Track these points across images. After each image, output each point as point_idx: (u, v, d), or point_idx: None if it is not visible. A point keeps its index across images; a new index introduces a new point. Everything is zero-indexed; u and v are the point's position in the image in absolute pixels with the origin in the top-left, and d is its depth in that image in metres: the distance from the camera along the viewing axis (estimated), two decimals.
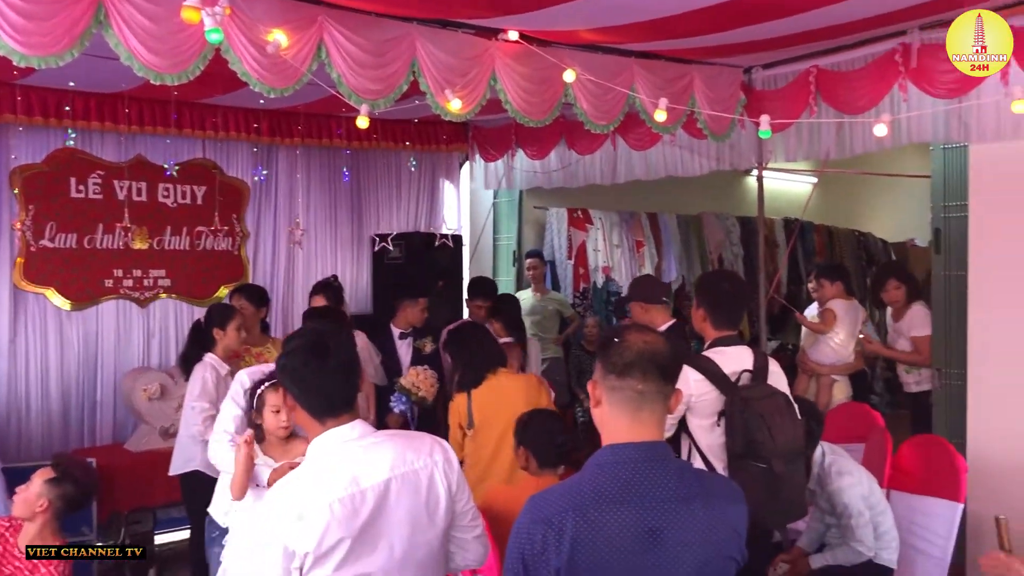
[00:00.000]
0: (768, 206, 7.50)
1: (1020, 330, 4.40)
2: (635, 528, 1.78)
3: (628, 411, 1.90)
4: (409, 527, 2.10)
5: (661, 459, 1.88)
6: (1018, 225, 4.43)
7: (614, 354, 1.92)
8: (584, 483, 1.85)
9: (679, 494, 1.84)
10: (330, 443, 2.13)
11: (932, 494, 4.13)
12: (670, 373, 1.93)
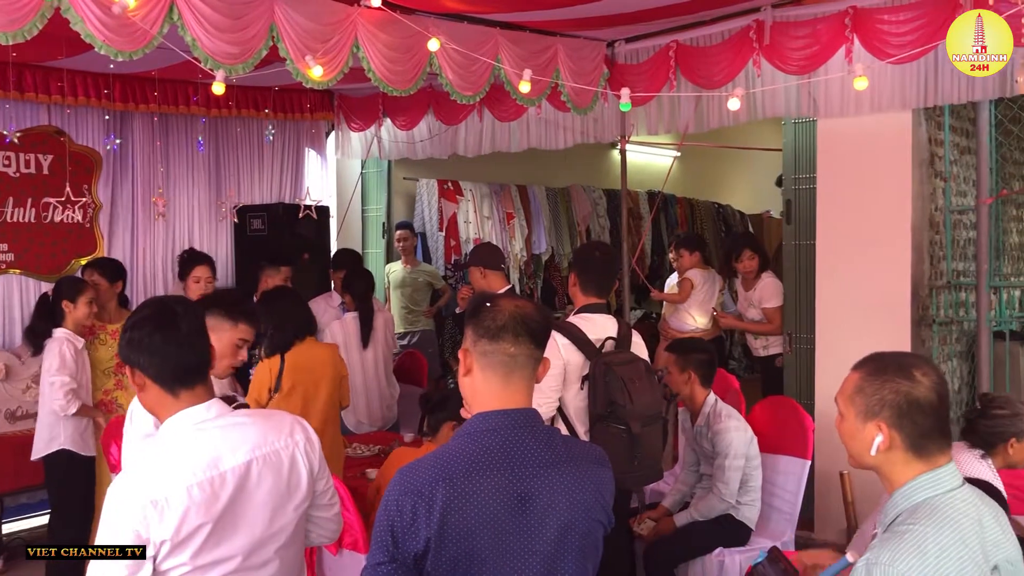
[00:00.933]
0: (632, 179, 7.68)
1: (864, 296, 4.68)
2: (505, 494, 1.80)
3: (500, 376, 1.91)
4: (270, 509, 2.05)
5: (530, 425, 1.90)
6: (861, 196, 4.69)
7: (487, 318, 1.93)
8: (454, 452, 1.85)
9: (548, 459, 1.87)
10: (185, 424, 2.03)
11: (783, 452, 4.35)
12: (541, 338, 1.96)
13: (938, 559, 1.69)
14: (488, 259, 4.62)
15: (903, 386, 1.83)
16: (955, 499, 1.80)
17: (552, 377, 3.54)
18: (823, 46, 4.39)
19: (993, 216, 4.94)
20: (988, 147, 4.65)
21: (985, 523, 1.79)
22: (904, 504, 1.82)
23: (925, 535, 1.72)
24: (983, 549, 1.75)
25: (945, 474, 1.83)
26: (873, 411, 1.85)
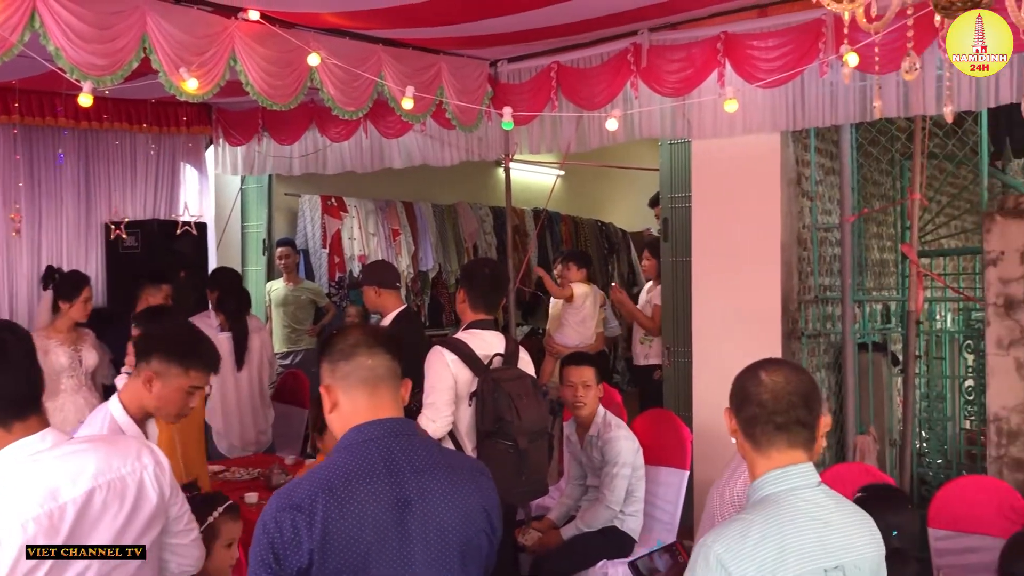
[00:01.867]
0: (518, 196, 7.77)
1: (737, 310, 4.85)
2: (385, 500, 1.82)
3: (364, 391, 1.93)
4: (116, 538, 1.96)
5: (406, 433, 1.93)
6: (734, 214, 4.87)
7: (337, 343, 1.98)
8: (333, 465, 1.85)
9: (426, 465, 1.90)
10: (18, 456, 1.90)
11: (662, 464, 4.46)
12: (394, 349, 1.99)
13: (756, 545, 1.78)
14: (383, 277, 4.58)
15: (744, 379, 2.01)
16: (799, 497, 1.89)
17: (445, 391, 3.55)
18: (697, 70, 4.55)
19: (856, 233, 5.21)
20: (850, 168, 4.90)
21: (833, 524, 1.88)
22: (754, 497, 1.93)
23: (751, 522, 1.83)
24: (822, 547, 1.83)
25: (794, 473, 1.92)
26: (730, 400, 2.03)
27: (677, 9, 4.36)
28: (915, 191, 4.61)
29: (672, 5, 4.26)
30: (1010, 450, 4.15)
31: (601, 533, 4.12)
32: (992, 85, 3.87)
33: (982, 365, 4.48)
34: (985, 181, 4.86)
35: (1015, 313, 4.14)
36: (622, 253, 10.36)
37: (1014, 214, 4.18)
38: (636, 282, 9.83)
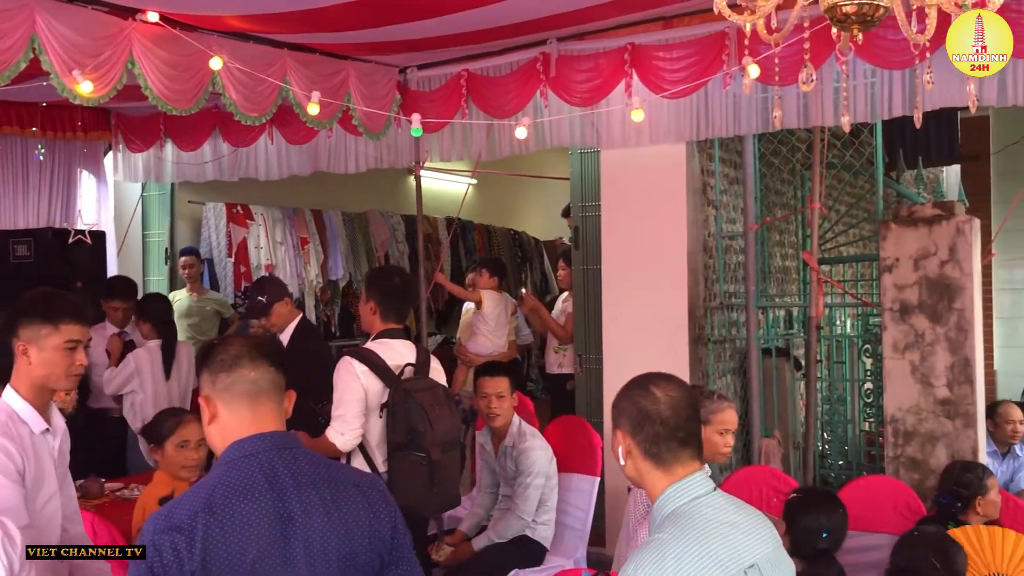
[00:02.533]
0: (430, 205, 7.70)
1: (646, 317, 4.92)
2: (268, 516, 1.76)
3: (246, 404, 1.87)
4: None
5: (289, 447, 1.87)
6: (642, 223, 4.95)
7: (218, 354, 1.90)
8: (213, 483, 1.79)
9: (310, 479, 1.84)
10: None
11: (573, 470, 4.48)
12: (277, 360, 1.94)
13: (677, 564, 1.77)
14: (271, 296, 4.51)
15: (637, 396, 1.97)
16: (702, 505, 1.89)
17: (354, 404, 3.48)
18: (605, 80, 4.61)
19: (759, 241, 5.34)
20: (753, 178, 5.02)
21: (739, 525, 1.90)
22: (659, 517, 1.92)
23: (665, 543, 1.81)
24: (734, 550, 1.85)
25: (692, 483, 1.93)
26: (618, 421, 2.00)
27: (584, 19, 4.40)
28: (815, 200, 4.74)
29: (579, 15, 4.29)
30: (906, 450, 4.30)
31: (513, 542, 4.11)
32: (886, 98, 4.02)
33: (880, 368, 4.63)
34: (881, 191, 5.04)
35: (910, 318, 4.30)
36: (535, 262, 10.41)
37: (908, 222, 4.34)
38: (549, 290, 9.87)
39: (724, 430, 3.43)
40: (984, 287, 7.12)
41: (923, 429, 4.26)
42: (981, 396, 4.34)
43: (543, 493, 4.16)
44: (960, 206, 4.45)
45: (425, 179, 6.02)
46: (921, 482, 4.19)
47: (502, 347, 5.94)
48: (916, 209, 4.39)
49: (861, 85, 4.07)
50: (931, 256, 4.26)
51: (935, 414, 4.24)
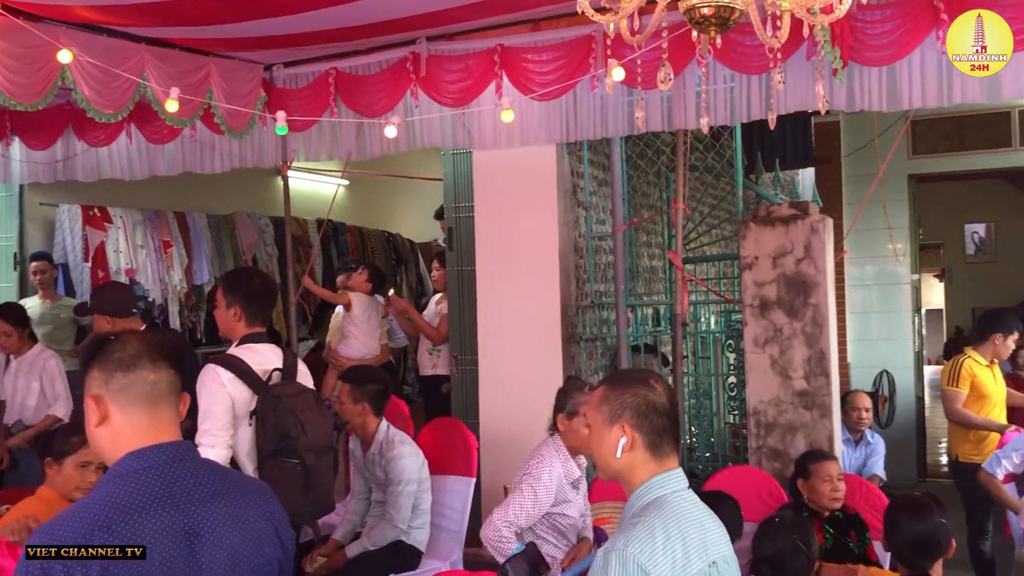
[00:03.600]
0: (301, 206, 7.55)
1: (520, 317, 4.95)
2: (172, 532, 1.67)
3: (143, 409, 1.76)
4: None
5: (188, 459, 1.78)
6: (514, 224, 4.98)
7: (115, 351, 1.77)
8: (107, 498, 1.67)
9: (214, 491, 1.76)
10: None
11: (449, 472, 4.46)
12: (177, 362, 1.84)
13: (665, 543, 1.90)
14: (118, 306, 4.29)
15: (641, 390, 2.08)
16: (681, 499, 2.03)
17: (221, 415, 3.33)
18: (475, 80, 4.61)
19: (627, 242, 5.46)
20: (620, 179, 5.13)
21: (705, 523, 2.04)
22: (638, 503, 2.02)
23: (653, 524, 1.93)
24: (704, 544, 1.98)
25: (674, 476, 2.07)
26: (617, 415, 2.06)
27: (452, 20, 4.39)
28: (679, 201, 4.89)
29: (448, 15, 4.29)
30: (768, 441, 4.48)
31: (386, 548, 4.06)
32: (744, 102, 4.17)
33: (742, 363, 4.80)
34: (740, 192, 5.24)
35: (769, 313, 4.48)
36: (410, 264, 10.34)
37: (766, 222, 4.52)
38: (424, 292, 9.83)
39: None
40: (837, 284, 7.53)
41: (783, 420, 4.45)
42: (836, 387, 4.56)
43: (416, 498, 4.12)
44: (814, 206, 4.67)
45: (294, 180, 5.87)
46: (782, 471, 4.38)
47: (375, 350, 5.87)
48: (774, 209, 4.58)
49: (721, 89, 4.21)
50: (788, 254, 4.45)
51: (794, 405, 4.43)
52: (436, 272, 6.20)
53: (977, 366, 5.32)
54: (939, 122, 8.31)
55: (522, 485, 3.49)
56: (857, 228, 7.85)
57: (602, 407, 2.10)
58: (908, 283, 8.54)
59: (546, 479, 3.48)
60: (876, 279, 8.61)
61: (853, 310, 8.58)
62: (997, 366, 5.47)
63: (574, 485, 3.61)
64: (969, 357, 5.33)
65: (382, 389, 4.28)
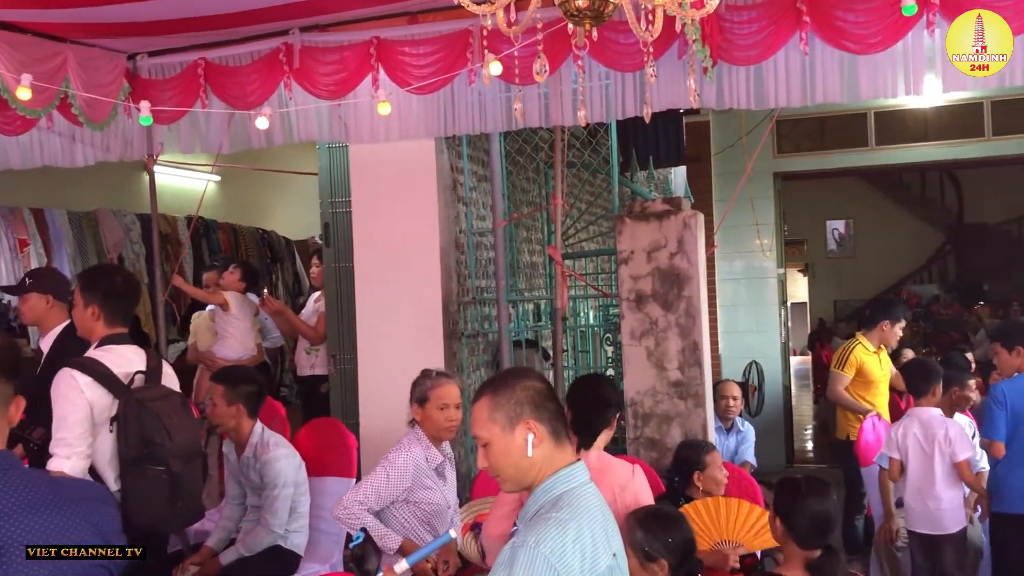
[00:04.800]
0: (170, 203, 7.26)
1: (400, 313, 4.89)
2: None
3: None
4: None
5: (7, 469, 1.67)
6: (393, 219, 4.91)
7: None
8: None
9: (27, 503, 1.65)
10: None
11: (328, 474, 4.36)
12: (10, 369, 1.73)
13: (576, 541, 1.90)
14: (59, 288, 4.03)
15: (528, 383, 2.09)
16: (587, 492, 2.04)
17: (78, 423, 3.15)
18: (351, 73, 4.52)
19: (508, 238, 5.47)
20: (500, 175, 5.15)
21: (607, 516, 2.06)
22: (545, 498, 2.02)
23: (565, 520, 1.93)
24: (607, 536, 2.01)
25: (578, 470, 2.07)
26: (517, 415, 2.05)
27: (326, 10, 4.31)
28: (557, 197, 4.93)
29: (320, 5, 4.20)
30: (645, 431, 4.58)
31: (263, 554, 3.93)
32: (619, 98, 4.24)
33: (620, 355, 4.89)
34: (616, 188, 5.34)
35: (644, 306, 4.58)
36: (286, 262, 10.08)
37: (640, 217, 4.62)
38: (302, 291, 9.61)
39: (444, 405, 3.57)
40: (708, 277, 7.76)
41: (659, 410, 4.56)
42: (708, 377, 4.71)
43: (294, 501, 4.02)
44: (687, 202, 4.80)
45: (162, 174, 5.63)
46: (659, 460, 4.48)
47: (252, 350, 5.69)
48: (648, 205, 4.69)
49: (597, 87, 4.27)
50: (662, 248, 4.56)
51: (669, 396, 4.55)
52: (315, 269, 6.07)
53: (865, 353, 5.73)
54: (802, 122, 8.71)
55: (377, 468, 3.55)
56: (727, 224, 8.15)
57: (496, 415, 2.06)
58: (775, 277, 8.91)
59: (401, 462, 3.52)
60: (745, 273, 8.94)
61: (724, 303, 8.88)
62: (885, 352, 5.85)
63: (438, 472, 3.64)
64: (859, 344, 5.75)
65: (257, 390, 4.15)
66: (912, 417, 4.51)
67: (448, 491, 3.70)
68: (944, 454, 4.36)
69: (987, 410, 4.35)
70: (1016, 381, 4.33)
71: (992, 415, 4.28)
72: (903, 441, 4.46)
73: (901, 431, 4.49)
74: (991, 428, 4.29)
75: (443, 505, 3.64)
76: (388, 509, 3.56)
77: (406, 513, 3.57)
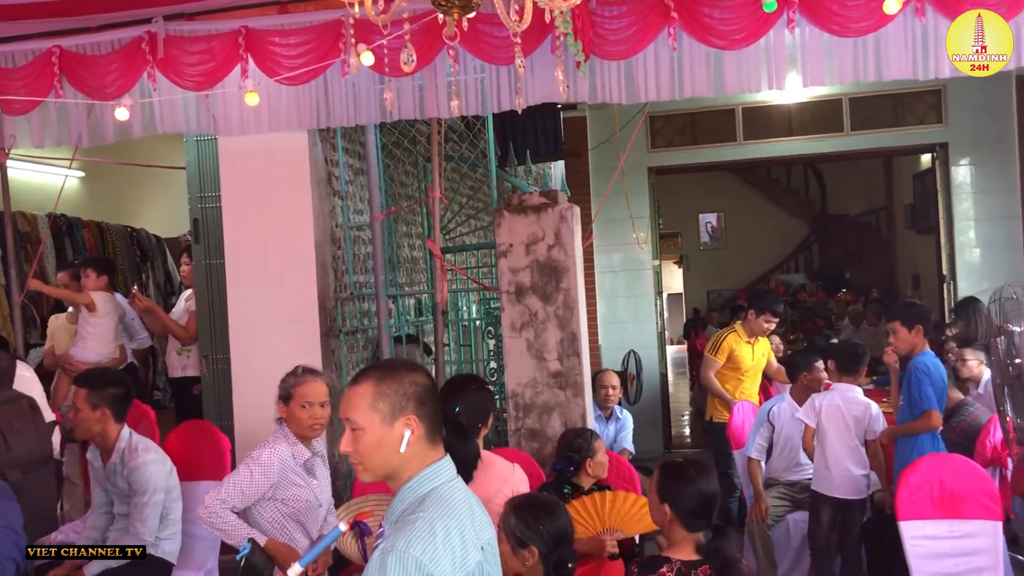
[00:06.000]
0: (29, 200, 6.87)
1: (274, 311, 4.77)
2: None
3: None
4: None
5: None
6: (266, 214, 4.79)
7: None
8: None
9: None
10: None
11: (201, 478, 4.22)
12: None
13: (445, 540, 1.89)
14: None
15: (416, 377, 2.04)
16: (454, 489, 2.02)
17: None
18: (218, 63, 4.38)
19: (386, 232, 5.41)
20: (377, 168, 5.08)
21: (475, 510, 2.04)
22: (411, 497, 1.98)
23: (433, 520, 1.90)
24: (475, 531, 1.99)
25: (444, 466, 2.04)
26: (400, 408, 2.00)
27: None
28: (435, 190, 4.91)
29: None
30: (526, 422, 4.61)
31: (133, 564, 3.74)
32: (494, 91, 4.25)
33: (502, 348, 4.91)
34: (495, 182, 5.35)
35: (524, 299, 4.61)
36: (157, 261, 9.68)
37: (518, 210, 4.64)
38: (174, 291, 9.25)
39: (307, 403, 3.52)
40: (588, 269, 7.90)
41: (539, 401, 4.60)
42: (587, 367, 4.78)
43: (165, 507, 3.86)
44: (563, 195, 4.85)
45: (18, 169, 5.30)
46: (540, 450, 4.52)
47: (114, 353, 5.44)
48: (526, 198, 4.71)
49: (472, 80, 4.27)
50: (540, 241, 4.60)
51: (549, 386, 4.59)
52: (185, 267, 5.85)
53: (737, 341, 6.00)
54: (675, 118, 8.94)
55: (240, 465, 3.47)
56: (604, 218, 8.31)
57: (379, 404, 1.99)
58: (651, 269, 9.13)
59: (265, 459, 3.45)
60: (623, 265, 9.12)
61: (603, 294, 9.04)
62: (763, 342, 6.09)
63: (307, 469, 3.58)
64: (734, 332, 6.02)
65: (123, 393, 3.96)
66: (836, 391, 4.77)
67: (320, 489, 3.63)
68: (861, 429, 4.64)
69: (915, 383, 4.48)
70: (927, 356, 4.55)
71: (921, 387, 4.45)
72: (824, 411, 4.65)
73: (825, 402, 4.71)
74: (923, 400, 4.43)
75: (313, 503, 3.57)
76: (255, 507, 3.48)
77: (273, 511, 3.49)
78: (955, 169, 8.50)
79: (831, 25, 3.85)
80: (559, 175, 8.28)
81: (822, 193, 17.91)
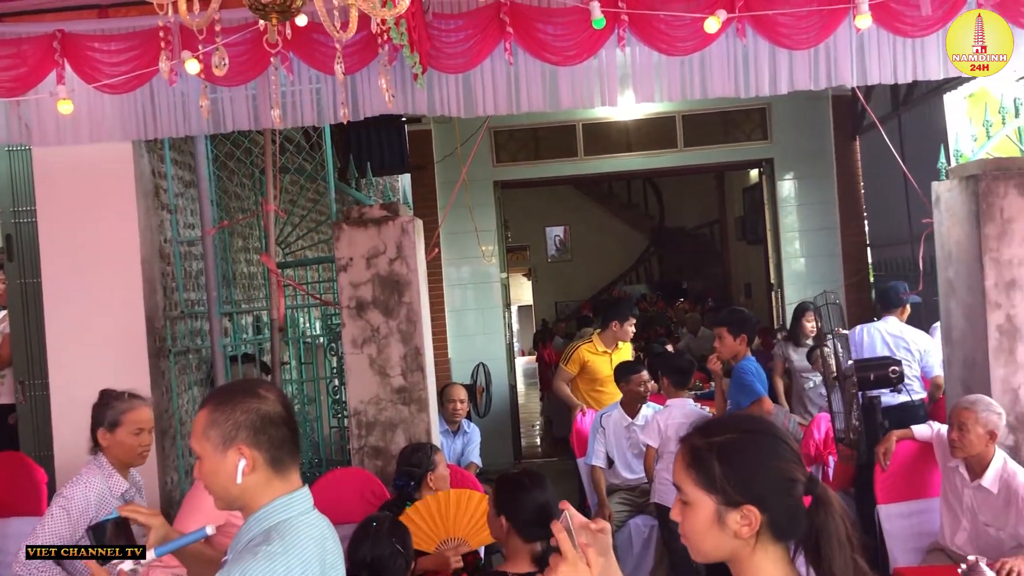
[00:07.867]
0: None
1: (98, 332, 4.49)
2: None
3: None
4: None
5: None
6: (87, 229, 4.51)
7: None
8: None
9: None
10: None
11: (15, 514, 3.91)
12: None
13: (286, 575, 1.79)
14: None
15: (252, 404, 1.92)
16: (304, 523, 1.90)
17: None
18: (31, 68, 4.08)
19: (220, 247, 5.20)
20: (208, 180, 4.88)
21: (327, 546, 1.93)
22: (256, 528, 1.87)
23: (274, 554, 1.79)
24: (323, 568, 1.88)
25: (299, 498, 1.93)
26: (231, 438, 1.89)
27: None
28: (269, 203, 4.76)
29: None
30: (369, 440, 4.53)
31: None
32: (329, 102, 4.15)
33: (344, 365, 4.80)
34: (334, 194, 5.24)
35: (365, 314, 4.52)
36: None
37: (358, 223, 4.56)
38: None
39: (138, 430, 3.37)
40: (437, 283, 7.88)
41: (383, 417, 4.52)
42: (432, 382, 4.74)
43: None
44: (405, 207, 4.81)
45: None
46: (384, 468, 4.45)
47: None
48: (366, 211, 4.64)
49: (307, 90, 4.16)
50: (381, 255, 4.53)
51: (393, 402, 4.52)
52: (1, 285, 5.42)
53: (591, 353, 6.15)
54: (518, 132, 9.07)
55: (53, 507, 3.21)
56: (452, 231, 8.33)
57: (210, 433, 1.91)
58: (498, 281, 9.20)
59: (80, 497, 3.23)
60: (471, 279, 9.15)
61: (452, 308, 9.04)
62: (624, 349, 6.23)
63: (125, 501, 3.37)
64: (589, 343, 6.16)
65: None
66: (674, 407, 4.89)
67: None
68: None
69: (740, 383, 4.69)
70: (750, 360, 4.74)
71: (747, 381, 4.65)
72: (669, 430, 4.73)
73: (669, 420, 4.81)
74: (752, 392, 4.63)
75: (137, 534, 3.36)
76: None
77: None
78: (780, 183, 9.02)
79: (659, 44, 3.99)
80: (406, 188, 8.23)
81: (660, 207, 18.65)
